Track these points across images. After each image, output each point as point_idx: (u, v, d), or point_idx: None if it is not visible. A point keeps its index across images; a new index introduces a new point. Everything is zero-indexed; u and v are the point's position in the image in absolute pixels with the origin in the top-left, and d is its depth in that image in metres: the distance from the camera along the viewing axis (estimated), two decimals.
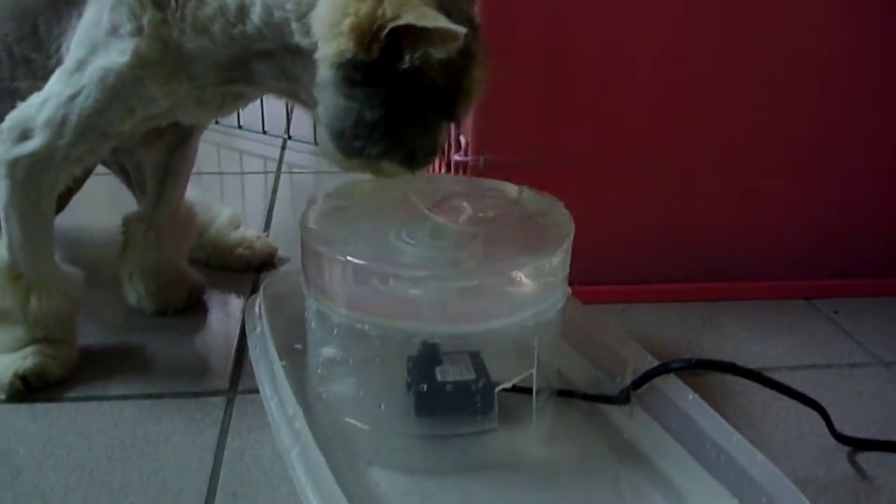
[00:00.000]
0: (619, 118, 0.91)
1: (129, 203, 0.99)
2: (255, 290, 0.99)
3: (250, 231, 1.05)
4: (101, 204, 1.18)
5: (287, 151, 1.56)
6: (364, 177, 0.70)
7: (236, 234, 1.02)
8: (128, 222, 0.90)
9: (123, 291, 0.91)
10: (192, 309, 0.93)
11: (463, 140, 0.91)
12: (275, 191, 1.35)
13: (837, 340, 0.91)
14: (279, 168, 1.47)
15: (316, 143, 1.50)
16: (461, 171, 0.91)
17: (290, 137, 1.57)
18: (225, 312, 0.94)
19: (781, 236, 0.99)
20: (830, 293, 1.01)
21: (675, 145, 0.93)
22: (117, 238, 0.91)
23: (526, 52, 0.87)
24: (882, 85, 0.94)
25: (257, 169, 1.49)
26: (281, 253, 1.06)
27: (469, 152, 0.90)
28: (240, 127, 1.57)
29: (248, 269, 1.02)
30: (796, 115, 0.94)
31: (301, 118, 1.61)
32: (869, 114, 0.95)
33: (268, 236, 1.07)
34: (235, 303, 0.96)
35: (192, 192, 0.98)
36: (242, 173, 1.48)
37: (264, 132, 1.56)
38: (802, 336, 0.92)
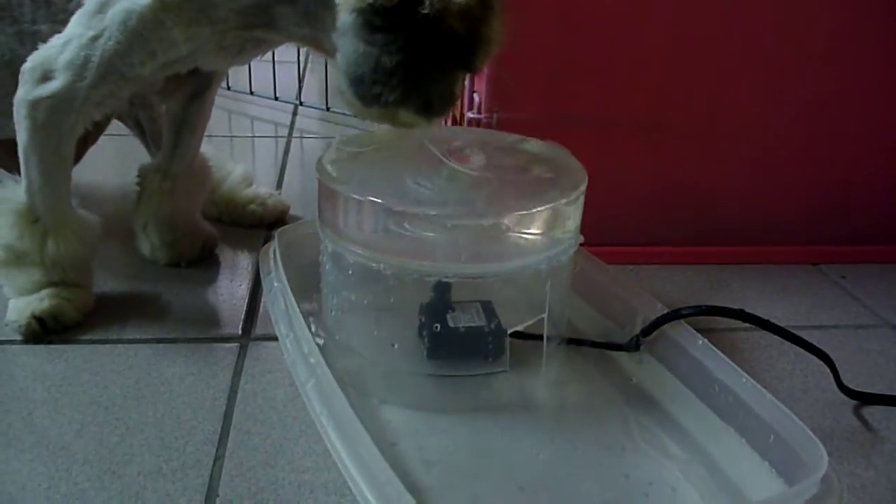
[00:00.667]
0: (632, 78, 0.92)
1: (140, 162, 1.00)
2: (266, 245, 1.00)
3: (263, 188, 1.05)
4: (112, 164, 1.19)
5: (298, 118, 1.56)
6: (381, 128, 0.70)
7: (249, 191, 1.03)
8: (144, 172, 0.90)
9: (137, 242, 0.92)
10: (204, 261, 0.94)
11: (476, 97, 0.91)
12: (286, 153, 1.35)
13: (844, 303, 0.92)
14: (290, 133, 1.47)
15: (327, 109, 1.50)
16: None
17: (301, 103, 1.57)
18: (237, 266, 0.95)
19: (791, 201, 1.00)
20: (838, 259, 1.01)
21: (687, 107, 0.94)
22: (129, 194, 0.92)
23: (541, 10, 0.87)
24: (893, 49, 0.94)
25: (269, 133, 1.50)
26: (292, 212, 1.07)
27: (482, 110, 0.91)
28: (251, 93, 1.57)
29: (260, 225, 1.02)
30: (808, 81, 0.94)
31: (312, 85, 1.62)
32: (879, 80, 0.95)
33: (279, 193, 1.08)
34: (247, 258, 0.97)
35: (206, 149, 0.99)
36: (253, 137, 1.49)
37: (276, 98, 1.56)
38: (810, 299, 0.92)
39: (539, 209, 0.61)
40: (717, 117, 0.95)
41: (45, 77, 0.69)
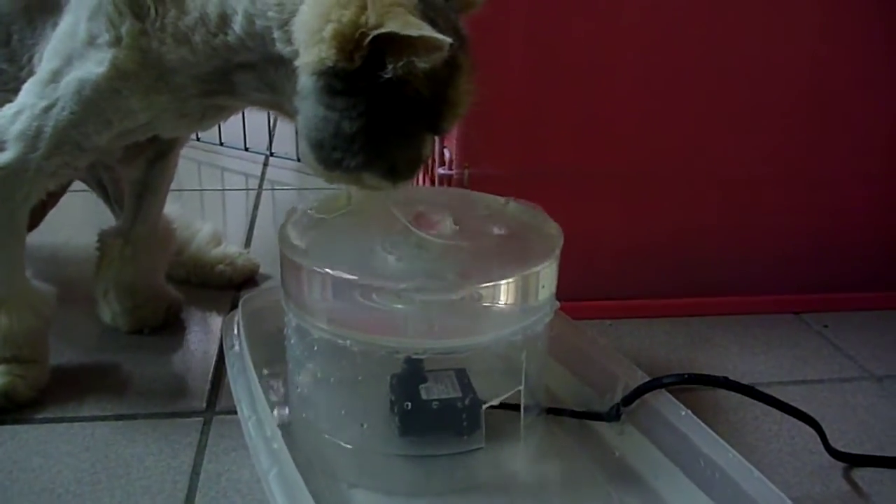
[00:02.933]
0: (605, 131, 0.90)
1: (105, 220, 0.97)
2: (234, 307, 0.96)
3: (232, 247, 1.02)
4: (77, 222, 1.16)
5: (269, 168, 1.54)
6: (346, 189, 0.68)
7: (217, 251, 1.00)
8: (104, 237, 0.87)
9: (98, 309, 0.89)
10: (168, 327, 0.90)
11: (447, 153, 0.90)
12: (256, 207, 1.32)
13: (828, 355, 0.90)
14: (261, 184, 1.45)
15: (299, 160, 1.48)
16: (446, 185, 0.89)
17: (272, 154, 1.55)
18: (203, 330, 0.92)
19: (769, 250, 0.99)
20: (819, 307, 1.00)
21: (662, 159, 0.92)
22: (92, 256, 0.89)
23: (512, 65, 0.86)
24: (870, 99, 0.94)
25: (239, 186, 1.47)
26: (263, 270, 1.04)
27: (454, 166, 0.89)
28: (221, 144, 1.55)
29: (229, 286, 0.99)
30: (784, 130, 0.94)
31: (283, 135, 1.60)
32: (857, 129, 0.95)
33: (249, 253, 1.05)
34: (215, 320, 0.94)
35: (173, 209, 0.96)
36: (224, 190, 1.46)
37: (246, 149, 1.54)
38: (793, 351, 0.90)
39: (511, 280, 0.58)
40: (693, 167, 0.94)
41: None
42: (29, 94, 0.65)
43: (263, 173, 1.51)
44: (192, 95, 0.66)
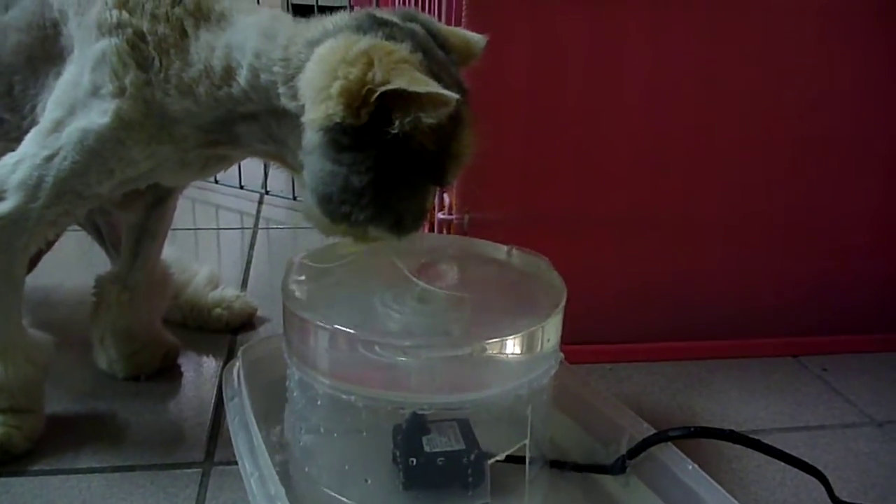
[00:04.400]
0: (602, 177, 0.91)
1: (99, 261, 0.96)
2: (231, 351, 0.95)
3: (229, 290, 1.02)
4: (71, 262, 1.15)
5: (264, 206, 1.53)
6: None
7: (214, 294, 0.99)
8: (101, 283, 0.86)
9: (94, 355, 0.88)
10: (166, 373, 0.89)
11: (447, 199, 0.90)
12: (252, 247, 1.32)
13: (828, 399, 0.90)
14: (256, 224, 1.45)
15: (294, 199, 1.48)
16: (445, 230, 0.89)
17: (267, 192, 1.55)
18: (200, 376, 0.91)
19: (767, 293, 0.99)
20: (818, 349, 1.00)
21: (658, 204, 0.93)
22: (87, 298, 0.88)
23: (511, 114, 0.86)
24: (865, 140, 0.95)
25: (234, 224, 1.46)
26: (260, 313, 1.03)
27: (453, 211, 0.89)
28: (216, 182, 1.55)
29: (226, 329, 0.98)
30: (781, 174, 0.95)
31: (278, 173, 1.60)
32: (853, 171, 0.96)
33: (245, 295, 1.04)
34: (211, 365, 0.93)
35: (168, 251, 0.95)
36: (218, 229, 1.45)
37: (241, 187, 1.54)
38: (794, 396, 0.90)
39: (518, 335, 0.58)
40: (691, 210, 0.94)
41: None
42: (31, 144, 0.65)
43: (259, 212, 1.50)
44: (194, 145, 0.66)
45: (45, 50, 0.67)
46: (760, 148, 0.93)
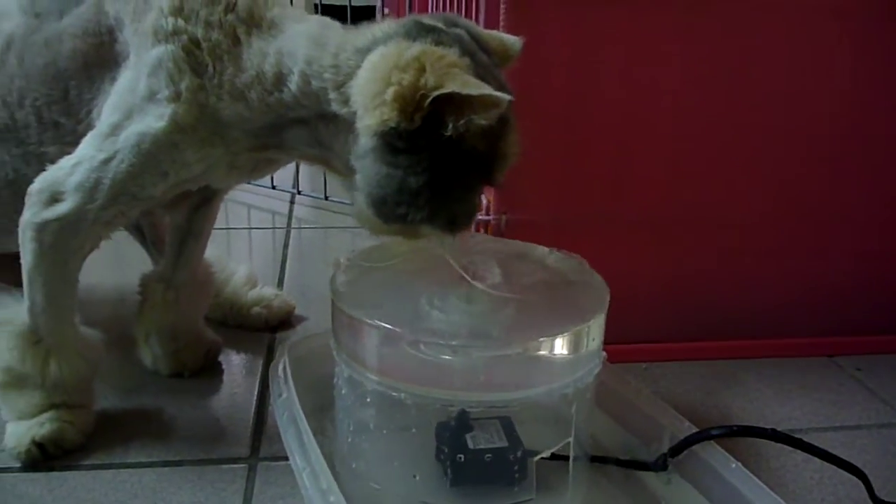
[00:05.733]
0: (638, 178, 0.92)
1: (135, 261, 0.98)
2: (271, 349, 0.97)
3: (267, 289, 1.03)
4: (109, 262, 1.17)
5: (295, 206, 1.55)
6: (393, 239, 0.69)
7: (254, 293, 1.01)
8: (146, 282, 0.88)
9: (139, 352, 0.90)
10: (208, 370, 0.91)
11: (485, 199, 0.91)
12: (286, 246, 1.34)
13: (864, 400, 0.90)
14: (289, 223, 1.46)
15: (326, 199, 1.50)
16: (483, 231, 0.91)
17: (299, 192, 1.57)
18: (241, 373, 0.93)
19: (802, 294, 0.99)
20: (853, 350, 1.00)
21: (694, 204, 0.94)
22: (126, 297, 0.90)
23: (547, 117, 0.87)
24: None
25: (266, 224, 1.49)
26: (296, 311, 1.05)
27: (491, 212, 0.90)
28: (248, 182, 1.57)
29: (265, 328, 1.00)
30: (815, 175, 0.95)
31: (309, 173, 1.62)
32: (887, 170, 0.96)
33: (283, 293, 1.06)
34: (252, 363, 0.94)
35: (207, 252, 0.97)
36: (250, 228, 1.47)
37: (273, 187, 1.56)
38: (829, 395, 0.91)
39: (565, 334, 0.59)
40: (725, 212, 0.95)
41: (54, 199, 0.67)
42: (88, 147, 0.67)
43: (291, 211, 1.52)
44: (244, 149, 0.68)
45: (101, 56, 0.69)
46: (793, 148, 0.93)
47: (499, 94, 0.54)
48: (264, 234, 1.45)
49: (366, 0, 1.96)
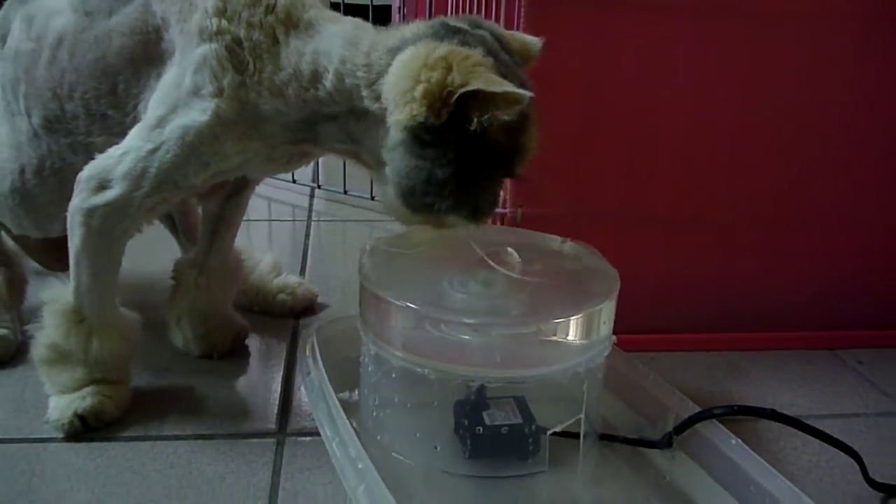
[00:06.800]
0: (649, 175, 0.96)
1: (163, 250, 1.02)
2: (295, 334, 1.02)
3: (292, 277, 1.08)
4: (139, 250, 1.21)
5: (315, 200, 1.60)
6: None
7: (279, 281, 1.06)
8: (179, 267, 0.93)
9: (170, 334, 0.94)
10: (236, 352, 0.96)
11: (501, 194, 0.95)
12: (307, 237, 1.38)
13: (863, 390, 0.94)
14: (310, 215, 1.51)
15: (345, 193, 1.54)
16: (500, 223, 0.95)
17: (319, 186, 1.61)
18: (267, 356, 0.97)
19: (804, 288, 1.03)
20: (853, 343, 1.03)
21: (703, 202, 0.97)
22: (157, 282, 0.94)
23: (564, 113, 0.91)
24: None
25: (286, 216, 1.53)
26: (319, 299, 1.10)
27: (507, 205, 0.94)
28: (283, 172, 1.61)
29: (289, 314, 1.05)
30: (818, 171, 0.99)
31: (329, 167, 1.66)
32: (889, 170, 1.00)
33: (306, 281, 1.10)
34: (277, 347, 0.99)
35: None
36: (271, 220, 1.52)
37: (294, 181, 1.60)
38: (830, 386, 0.94)
39: (580, 316, 0.63)
40: (732, 208, 0.99)
41: (102, 186, 0.72)
42: (135, 138, 0.72)
43: (311, 205, 1.57)
44: (280, 142, 0.72)
45: (148, 53, 0.74)
46: (798, 147, 0.97)
47: (520, 91, 0.59)
48: (285, 225, 1.49)
49: None
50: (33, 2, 0.81)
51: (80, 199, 0.72)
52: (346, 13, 0.74)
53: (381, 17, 1.24)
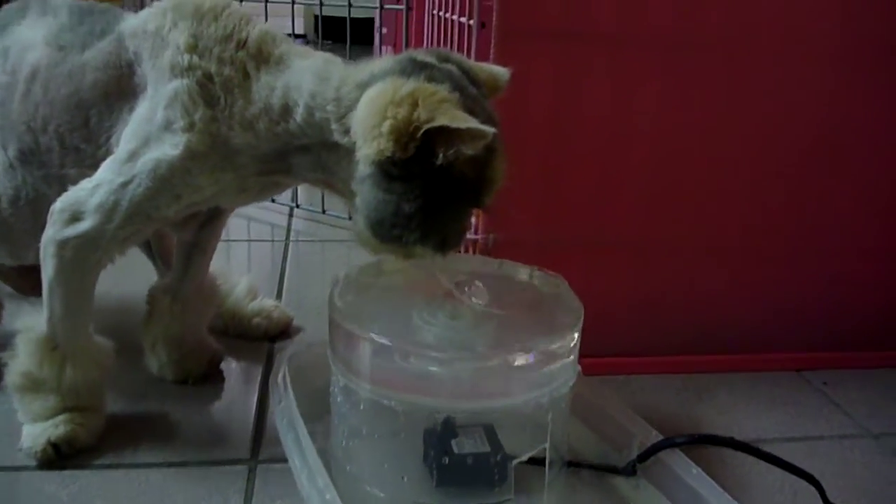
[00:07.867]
0: (617, 203, 0.98)
1: (139, 274, 1.02)
2: (270, 358, 1.03)
3: (267, 301, 1.09)
4: (113, 274, 1.22)
5: (293, 219, 1.61)
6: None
7: (254, 305, 1.07)
8: (153, 293, 0.94)
9: (146, 360, 0.95)
10: (211, 377, 0.96)
11: (473, 220, 0.97)
12: (285, 259, 1.39)
13: (828, 412, 0.96)
14: (288, 236, 1.52)
15: (323, 212, 1.56)
16: (472, 250, 0.97)
17: (297, 206, 1.62)
18: (242, 381, 0.98)
19: (772, 311, 1.05)
20: (820, 365, 1.06)
21: (670, 228, 1.00)
22: (133, 307, 0.95)
23: (534, 142, 0.93)
24: (870, 163, 1.01)
25: (265, 236, 1.54)
26: (294, 323, 1.10)
27: (479, 231, 0.96)
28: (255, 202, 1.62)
29: (265, 338, 1.06)
30: (785, 196, 1.01)
31: (307, 188, 1.67)
32: (858, 201, 1.02)
33: (282, 305, 1.11)
34: (252, 371, 1.00)
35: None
36: (249, 241, 1.53)
37: (272, 200, 1.61)
38: (795, 408, 0.96)
39: (541, 348, 0.65)
40: (700, 233, 1.01)
41: (75, 218, 0.73)
42: (107, 171, 0.72)
43: (290, 224, 1.58)
44: (252, 173, 0.73)
45: (121, 87, 0.75)
46: (764, 175, 1.00)
47: (484, 127, 0.60)
48: (263, 246, 1.50)
49: (365, 13, 2.03)
50: (9, 35, 0.82)
51: (54, 231, 0.73)
52: (324, 26, 0.75)
53: (363, 31, 1.24)
